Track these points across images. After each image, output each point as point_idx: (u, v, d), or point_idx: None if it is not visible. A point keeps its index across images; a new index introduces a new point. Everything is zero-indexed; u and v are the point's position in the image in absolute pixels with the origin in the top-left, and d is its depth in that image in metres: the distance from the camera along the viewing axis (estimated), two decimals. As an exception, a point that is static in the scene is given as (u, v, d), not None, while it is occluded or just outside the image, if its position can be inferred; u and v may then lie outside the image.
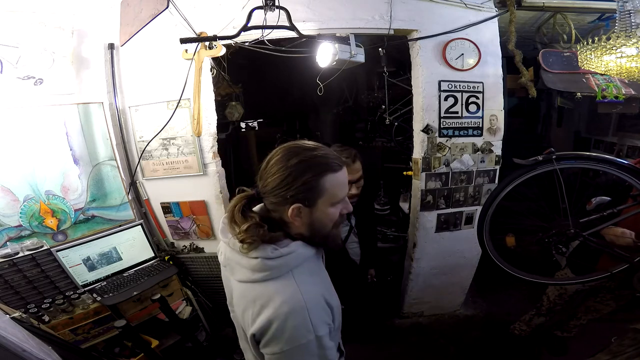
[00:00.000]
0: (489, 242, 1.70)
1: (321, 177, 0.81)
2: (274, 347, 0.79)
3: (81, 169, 2.13)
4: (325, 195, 0.83)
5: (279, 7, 1.77)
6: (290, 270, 0.82)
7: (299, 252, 0.84)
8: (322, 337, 0.80)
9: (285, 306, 0.77)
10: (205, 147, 2.24)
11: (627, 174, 1.50)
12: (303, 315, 0.77)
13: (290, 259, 0.82)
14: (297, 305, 0.78)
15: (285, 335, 0.77)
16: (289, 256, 0.82)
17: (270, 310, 0.78)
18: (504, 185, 1.60)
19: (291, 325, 0.77)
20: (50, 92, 2.01)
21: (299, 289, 0.79)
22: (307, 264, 0.86)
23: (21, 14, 1.89)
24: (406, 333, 2.72)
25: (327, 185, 0.82)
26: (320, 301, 0.83)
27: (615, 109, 2.79)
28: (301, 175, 0.80)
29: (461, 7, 2.18)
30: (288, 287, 0.80)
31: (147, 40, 1.97)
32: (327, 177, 0.82)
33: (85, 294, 1.93)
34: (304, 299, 0.78)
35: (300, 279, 0.82)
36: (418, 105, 2.31)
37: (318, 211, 0.84)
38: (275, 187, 0.82)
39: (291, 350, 0.78)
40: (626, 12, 1.53)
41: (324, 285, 0.91)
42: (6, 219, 1.90)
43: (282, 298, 0.78)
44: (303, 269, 0.84)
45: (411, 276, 2.64)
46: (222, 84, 2.90)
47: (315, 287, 0.84)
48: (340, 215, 0.89)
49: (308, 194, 0.81)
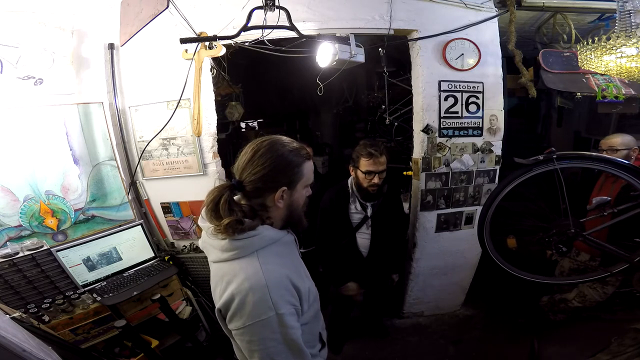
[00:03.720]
0: (489, 242, 1.70)
1: (303, 164, 0.96)
2: (237, 322, 0.86)
3: (81, 169, 2.13)
4: (303, 179, 0.97)
5: (279, 7, 1.77)
6: (256, 250, 0.89)
7: (264, 234, 0.91)
8: (283, 315, 0.85)
9: (247, 282, 0.85)
10: (205, 147, 2.24)
11: (627, 173, 1.51)
12: (263, 292, 0.84)
13: (255, 240, 0.89)
14: (258, 283, 0.85)
15: (246, 310, 0.84)
16: (254, 238, 0.89)
17: (233, 285, 0.86)
18: (505, 184, 1.60)
19: (251, 300, 0.84)
20: (50, 92, 2.01)
21: (261, 268, 0.86)
22: (274, 246, 0.94)
23: (21, 14, 1.89)
24: (406, 333, 2.72)
25: (305, 170, 0.97)
26: (283, 281, 0.89)
27: (615, 109, 2.79)
28: (290, 162, 0.93)
29: (461, 7, 2.18)
30: (251, 265, 0.87)
31: (147, 40, 1.97)
32: (306, 164, 0.97)
33: (85, 294, 1.93)
34: (265, 277, 0.85)
35: (264, 260, 0.89)
36: (418, 105, 2.31)
37: (297, 192, 0.97)
38: (265, 175, 0.91)
39: (252, 326, 0.84)
40: (626, 12, 1.53)
41: (292, 268, 0.96)
42: (6, 219, 1.89)
43: (244, 275, 0.86)
44: (269, 251, 0.91)
45: (411, 276, 2.64)
46: (222, 84, 2.90)
47: (278, 268, 0.90)
48: (306, 198, 1.02)
49: (293, 178, 0.95)
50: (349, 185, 2.13)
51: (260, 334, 0.85)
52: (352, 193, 2.10)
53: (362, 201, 2.09)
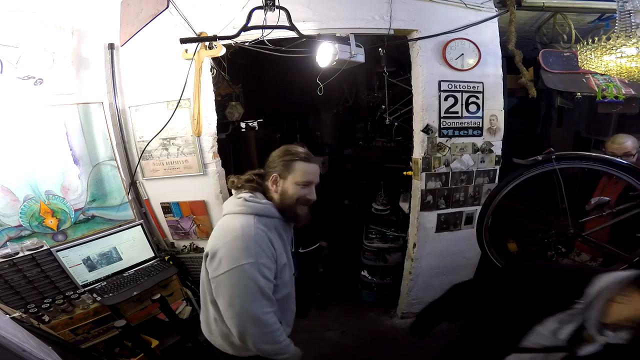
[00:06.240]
0: (488, 243, 1.70)
1: (294, 161, 1.21)
2: (222, 267, 1.05)
3: (81, 169, 2.13)
4: (293, 174, 1.20)
5: (279, 7, 1.77)
6: (256, 214, 1.15)
7: (266, 207, 1.19)
8: (261, 265, 1.06)
9: (240, 230, 1.10)
10: (205, 147, 2.24)
11: (627, 174, 1.51)
12: (249, 241, 1.07)
13: (258, 207, 1.17)
14: (248, 233, 1.09)
15: (233, 254, 1.05)
16: (259, 204, 1.18)
17: (228, 231, 1.12)
18: (503, 185, 1.60)
19: (238, 245, 1.06)
20: (50, 92, 2.01)
21: (254, 225, 1.12)
22: (270, 220, 1.18)
23: (21, 14, 1.89)
24: (406, 333, 2.72)
25: (296, 167, 1.20)
26: (266, 241, 1.12)
27: (615, 109, 2.78)
28: (283, 157, 1.22)
29: (461, 7, 2.18)
30: (248, 221, 1.13)
31: (147, 40, 1.97)
32: (298, 162, 1.21)
33: (85, 294, 1.93)
34: (254, 232, 1.10)
35: (258, 224, 1.13)
36: (418, 105, 2.31)
37: (287, 183, 1.21)
38: (269, 163, 1.26)
39: (235, 270, 1.03)
40: (626, 12, 1.53)
41: (276, 241, 1.17)
42: (6, 219, 1.90)
43: (240, 225, 1.11)
44: (264, 220, 1.16)
45: (411, 276, 2.64)
46: (222, 84, 2.89)
47: (266, 231, 1.13)
48: (305, 198, 1.22)
49: (283, 169, 1.21)
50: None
51: (240, 279, 1.03)
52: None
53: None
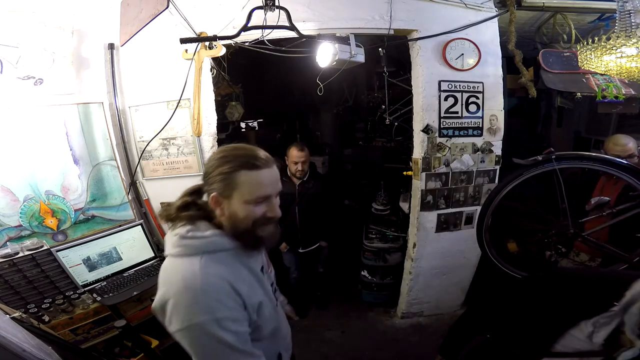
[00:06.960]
0: (488, 243, 1.70)
1: (235, 171, 0.86)
2: (174, 324, 0.82)
3: (81, 169, 2.13)
4: (238, 190, 0.87)
5: (279, 7, 1.77)
6: (201, 253, 0.86)
7: (212, 239, 0.88)
8: (221, 320, 0.81)
9: (182, 283, 0.82)
10: (205, 147, 2.24)
11: (627, 174, 1.51)
12: (195, 294, 0.81)
13: (202, 244, 0.87)
14: (192, 285, 0.81)
15: (180, 313, 0.81)
16: (202, 240, 0.87)
17: (169, 284, 0.84)
18: (503, 185, 1.60)
19: (184, 302, 0.81)
20: (50, 92, 2.01)
21: (200, 270, 0.83)
22: (222, 254, 0.89)
23: (21, 14, 1.89)
24: (406, 333, 2.72)
25: (241, 179, 0.86)
26: (222, 285, 0.84)
27: (615, 109, 2.78)
28: (220, 166, 0.87)
29: (461, 7, 2.18)
30: (191, 266, 0.84)
31: (147, 40, 1.97)
32: (241, 172, 0.86)
33: (85, 294, 1.93)
34: (201, 280, 0.82)
35: (207, 264, 0.85)
36: (418, 105, 2.31)
37: (234, 204, 0.88)
38: (205, 174, 0.92)
39: (188, 329, 0.80)
40: (626, 12, 1.53)
41: (238, 277, 0.90)
42: (6, 219, 1.89)
43: (182, 275, 0.83)
44: (215, 257, 0.87)
45: (411, 276, 2.64)
46: (222, 84, 2.90)
47: (219, 272, 0.86)
48: (265, 218, 0.91)
49: (222, 185, 0.87)
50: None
51: (197, 339, 0.81)
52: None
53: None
